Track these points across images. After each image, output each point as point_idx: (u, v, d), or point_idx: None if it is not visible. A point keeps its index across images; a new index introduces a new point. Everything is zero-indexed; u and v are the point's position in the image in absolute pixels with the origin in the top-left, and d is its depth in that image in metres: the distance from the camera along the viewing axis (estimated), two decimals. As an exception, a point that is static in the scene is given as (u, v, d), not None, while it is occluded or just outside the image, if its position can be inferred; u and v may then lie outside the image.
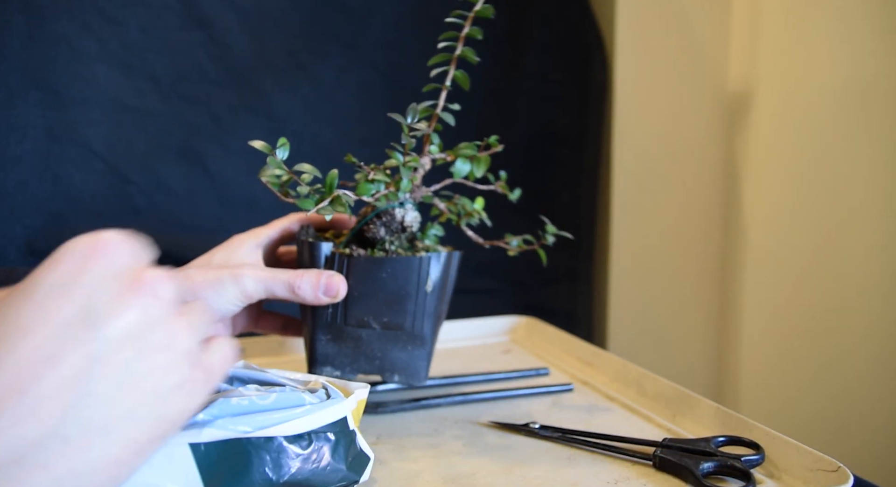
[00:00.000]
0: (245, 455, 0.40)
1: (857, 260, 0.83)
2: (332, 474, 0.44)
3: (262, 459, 0.41)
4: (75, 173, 0.83)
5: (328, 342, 0.58)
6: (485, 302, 1.01)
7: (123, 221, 0.86)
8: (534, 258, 1.08)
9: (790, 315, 0.93)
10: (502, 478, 0.50)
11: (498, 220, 0.95)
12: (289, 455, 0.41)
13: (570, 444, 0.56)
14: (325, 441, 0.43)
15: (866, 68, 0.82)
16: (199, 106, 0.88)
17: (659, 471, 0.51)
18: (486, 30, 1.03)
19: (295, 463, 0.42)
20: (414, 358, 0.59)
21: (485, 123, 1.02)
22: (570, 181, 1.05)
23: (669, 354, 1.07)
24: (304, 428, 0.42)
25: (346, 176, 0.96)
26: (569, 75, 1.03)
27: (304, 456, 0.42)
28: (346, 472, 0.44)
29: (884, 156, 0.80)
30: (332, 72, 0.93)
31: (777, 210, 0.95)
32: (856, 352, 0.83)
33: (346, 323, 0.57)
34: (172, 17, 0.85)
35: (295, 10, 0.91)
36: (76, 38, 0.81)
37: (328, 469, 0.43)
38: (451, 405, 0.64)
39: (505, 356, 0.80)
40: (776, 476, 0.50)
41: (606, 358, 0.72)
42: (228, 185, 0.90)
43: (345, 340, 0.58)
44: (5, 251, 0.80)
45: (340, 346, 0.58)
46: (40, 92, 0.80)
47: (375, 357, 0.58)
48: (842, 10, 0.84)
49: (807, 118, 0.89)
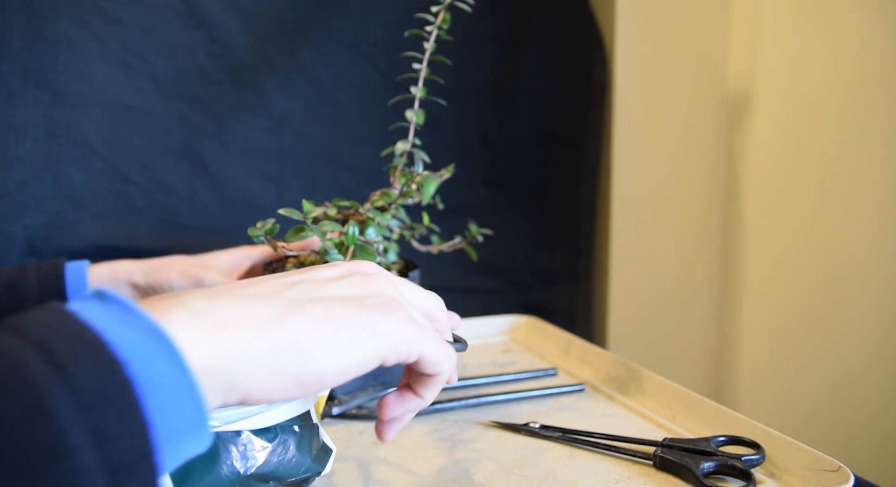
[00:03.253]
0: (213, 449, 0.41)
1: (858, 260, 0.83)
2: (298, 466, 0.45)
3: (230, 452, 0.42)
4: (75, 173, 0.83)
5: None
6: (485, 301, 1.01)
7: (123, 221, 0.86)
8: (535, 258, 1.08)
9: (790, 314, 0.93)
10: (502, 478, 0.50)
11: (498, 220, 0.96)
12: (255, 448, 0.42)
13: (571, 444, 0.56)
14: (290, 433, 0.44)
15: (866, 68, 0.82)
16: (199, 106, 0.88)
17: (659, 471, 0.51)
18: (487, 30, 1.03)
19: (261, 456, 0.43)
20: None
21: (485, 123, 1.02)
22: (570, 181, 1.04)
23: (669, 354, 1.07)
24: (271, 422, 0.43)
25: (346, 175, 0.96)
26: (569, 75, 1.03)
27: (271, 449, 0.43)
28: (310, 463, 0.45)
29: (884, 155, 0.80)
30: (332, 71, 0.93)
31: (777, 209, 0.95)
32: (856, 352, 0.83)
33: None
34: (172, 16, 0.85)
35: (295, 10, 0.91)
36: (76, 38, 0.81)
37: (293, 460, 0.44)
38: (464, 408, 0.64)
39: (506, 355, 0.80)
40: (776, 476, 0.50)
41: (606, 358, 0.72)
42: (228, 185, 0.90)
43: None
44: (5, 251, 0.80)
45: None
46: (40, 91, 0.80)
47: (380, 372, 0.64)
48: (842, 10, 0.84)
49: (807, 117, 0.89)
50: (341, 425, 0.60)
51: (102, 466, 0.25)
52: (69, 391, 0.25)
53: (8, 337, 0.25)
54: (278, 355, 0.32)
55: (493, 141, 1.03)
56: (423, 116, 0.69)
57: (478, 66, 1.00)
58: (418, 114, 0.68)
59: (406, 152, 0.68)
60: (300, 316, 0.33)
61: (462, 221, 0.81)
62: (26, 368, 0.25)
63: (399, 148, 0.68)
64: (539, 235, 1.06)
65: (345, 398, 0.62)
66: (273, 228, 0.62)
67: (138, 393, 0.26)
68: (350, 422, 0.61)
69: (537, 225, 1.06)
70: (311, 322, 0.34)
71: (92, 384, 0.25)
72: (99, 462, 0.24)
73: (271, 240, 0.63)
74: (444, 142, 0.97)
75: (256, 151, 0.91)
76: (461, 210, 0.93)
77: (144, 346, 0.27)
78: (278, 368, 0.32)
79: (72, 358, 0.25)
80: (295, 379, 0.33)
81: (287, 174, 0.93)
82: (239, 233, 0.88)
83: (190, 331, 0.30)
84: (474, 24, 0.85)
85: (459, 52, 0.75)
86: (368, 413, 0.61)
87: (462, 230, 0.78)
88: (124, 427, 0.25)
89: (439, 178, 0.67)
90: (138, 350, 0.27)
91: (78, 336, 0.26)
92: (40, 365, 0.25)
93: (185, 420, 0.28)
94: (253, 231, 0.62)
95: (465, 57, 0.93)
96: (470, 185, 1.01)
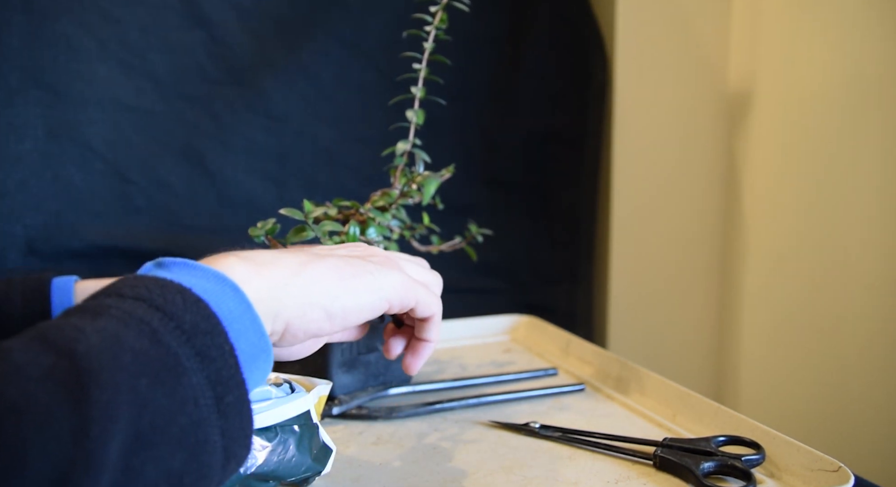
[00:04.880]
0: None
1: (857, 260, 0.83)
2: (298, 465, 0.45)
3: None
4: (75, 172, 0.83)
5: (344, 374, 0.63)
6: (486, 301, 1.01)
7: (123, 221, 0.86)
8: (535, 258, 1.08)
9: (790, 314, 0.93)
10: (502, 478, 0.50)
11: (498, 220, 0.95)
12: (255, 447, 0.42)
13: (571, 444, 0.56)
14: (290, 433, 0.44)
15: (866, 68, 0.82)
16: (199, 105, 0.88)
17: (659, 471, 0.51)
18: (487, 30, 1.03)
19: (262, 455, 0.43)
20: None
21: (485, 123, 1.02)
22: (570, 181, 1.04)
23: (669, 354, 1.07)
24: (271, 421, 0.43)
25: (343, 175, 0.96)
26: (569, 75, 1.03)
27: (271, 448, 0.43)
28: (311, 463, 0.45)
29: (884, 155, 0.80)
30: (331, 71, 0.93)
31: (777, 209, 0.95)
32: (856, 352, 0.83)
33: (359, 352, 0.64)
34: (172, 16, 0.85)
35: (295, 10, 0.91)
36: (76, 38, 0.81)
37: (294, 460, 0.44)
38: (464, 408, 0.64)
39: (506, 355, 0.80)
40: (777, 476, 0.50)
41: (606, 358, 0.72)
42: (228, 185, 0.90)
43: (356, 367, 0.64)
44: (5, 250, 0.80)
45: (354, 374, 0.64)
46: (40, 91, 0.80)
47: (380, 373, 0.66)
48: (842, 10, 0.84)
49: (807, 117, 0.89)
50: (341, 425, 0.60)
51: (209, 382, 0.31)
52: (174, 325, 0.31)
53: (108, 299, 0.32)
54: (310, 289, 0.39)
55: (493, 141, 1.03)
56: (423, 116, 0.69)
57: (478, 66, 1.00)
58: (418, 114, 0.68)
59: (407, 152, 0.68)
60: (322, 263, 0.40)
61: (462, 221, 0.81)
62: (136, 313, 0.31)
63: (400, 148, 0.68)
64: (539, 235, 1.06)
65: (345, 398, 0.62)
66: (274, 228, 0.62)
67: (223, 324, 0.33)
68: (350, 422, 0.61)
69: (537, 225, 1.06)
70: (332, 268, 0.41)
71: (188, 319, 0.32)
72: (206, 379, 0.31)
73: (272, 240, 0.63)
74: (444, 142, 0.97)
75: (256, 151, 0.91)
76: (461, 210, 0.93)
77: (215, 289, 0.34)
78: (311, 301, 0.39)
79: (168, 301, 0.32)
80: (325, 311, 0.40)
81: (287, 174, 0.93)
82: (239, 233, 0.88)
83: (241, 272, 0.36)
84: (474, 24, 0.85)
85: (459, 52, 0.75)
86: (368, 413, 0.61)
87: (462, 230, 0.78)
88: (218, 351, 0.32)
89: (440, 178, 0.67)
90: (211, 292, 0.34)
91: (164, 285, 0.33)
92: (147, 310, 0.31)
93: (254, 346, 0.35)
94: (254, 231, 0.62)
95: (464, 57, 0.92)
96: (470, 185, 1.01)
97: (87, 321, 0.30)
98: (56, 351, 0.28)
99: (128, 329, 0.30)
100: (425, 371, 0.74)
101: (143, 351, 0.30)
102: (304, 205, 0.61)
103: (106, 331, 0.30)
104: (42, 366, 0.27)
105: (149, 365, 0.30)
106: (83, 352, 0.28)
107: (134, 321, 0.31)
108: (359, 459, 0.54)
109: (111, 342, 0.29)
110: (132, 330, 0.30)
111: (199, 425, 0.31)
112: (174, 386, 0.30)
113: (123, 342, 0.29)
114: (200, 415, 0.31)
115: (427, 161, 0.69)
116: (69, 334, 0.29)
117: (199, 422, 0.31)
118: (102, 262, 0.84)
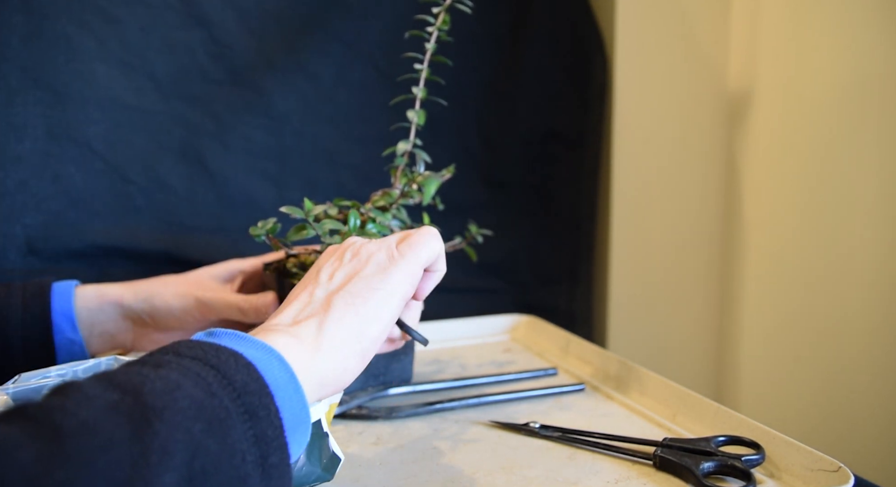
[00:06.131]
0: None
1: (858, 260, 0.83)
2: (307, 475, 0.45)
3: None
4: (75, 172, 0.83)
5: None
6: (486, 301, 1.01)
7: (123, 221, 0.86)
8: (535, 258, 1.08)
9: (790, 314, 0.93)
10: (502, 478, 0.50)
11: (498, 220, 0.95)
12: None
13: (571, 444, 0.56)
14: None
15: (866, 68, 0.82)
16: (198, 105, 0.88)
17: (659, 471, 0.51)
18: (487, 30, 1.03)
19: None
20: (405, 365, 0.67)
21: (485, 123, 1.02)
22: (570, 181, 1.04)
23: (669, 354, 1.07)
24: None
25: (343, 175, 0.96)
26: (569, 75, 1.03)
27: None
28: (320, 473, 0.45)
29: (883, 155, 0.80)
30: (331, 71, 0.93)
31: (777, 209, 0.95)
32: (856, 352, 0.83)
33: None
34: (172, 16, 0.85)
35: (295, 10, 0.91)
36: (76, 37, 0.81)
37: (303, 470, 0.44)
38: (464, 408, 0.64)
39: (506, 355, 0.80)
40: (776, 476, 0.50)
41: (606, 358, 0.72)
42: (228, 185, 0.90)
43: None
44: (5, 250, 0.80)
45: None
46: (40, 91, 0.80)
47: (380, 373, 0.66)
48: (841, 10, 0.84)
49: (807, 118, 0.89)
50: (341, 425, 0.60)
51: (255, 439, 0.33)
52: (227, 383, 0.34)
53: (167, 356, 0.35)
54: (338, 348, 0.41)
55: (493, 141, 1.03)
56: (423, 116, 0.69)
57: (478, 66, 1.00)
58: (419, 115, 0.68)
59: (407, 152, 0.68)
60: (332, 312, 0.42)
61: (462, 221, 0.81)
62: (193, 368, 0.34)
63: (400, 148, 0.68)
64: (539, 235, 1.06)
65: (345, 398, 0.62)
66: (274, 227, 0.62)
67: (270, 388, 0.35)
68: (350, 422, 0.61)
69: (537, 225, 1.06)
70: (343, 309, 0.42)
71: (238, 379, 0.34)
72: (253, 437, 0.33)
73: (273, 239, 0.63)
74: (444, 142, 0.97)
75: (256, 151, 0.91)
76: (461, 210, 0.93)
77: (262, 357, 0.37)
78: (344, 354, 0.41)
79: (221, 362, 0.35)
80: (360, 355, 0.42)
81: (287, 174, 0.93)
82: (239, 233, 0.88)
83: (284, 347, 0.39)
84: (474, 24, 0.85)
85: (460, 53, 0.75)
86: (368, 413, 0.61)
87: (462, 230, 0.78)
88: (265, 411, 0.34)
89: (440, 179, 0.67)
90: (261, 360, 0.36)
91: (218, 348, 0.35)
92: (203, 367, 0.34)
93: (296, 416, 0.37)
94: (254, 230, 0.62)
95: (465, 57, 0.92)
96: (470, 185, 1.01)
97: (149, 369, 0.33)
98: (122, 389, 0.31)
99: (186, 379, 0.33)
100: (425, 371, 0.74)
101: (199, 400, 0.32)
102: (305, 203, 0.61)
103: (168, 379, 0.32)
104: (110, 400, 0.30)
105: (203, 412, 0.32)
106: (147, 391, 0.31)
107: (192, 374, 0.33)
108: (359, 459, 0.54)
109: (172, 387, 0.32)
110: (190, 380, 0.33)
111: (244, 480, 0.32)
112: (224, 436, 0.32)
113: (183, 389, 0.32)
114: (246, 471, 0.32)
115: (428, 161, 0.69)
116: (134, 378, 0.32)
117: (244, 477, 0.32)
118: (102, 262, 0.84)
